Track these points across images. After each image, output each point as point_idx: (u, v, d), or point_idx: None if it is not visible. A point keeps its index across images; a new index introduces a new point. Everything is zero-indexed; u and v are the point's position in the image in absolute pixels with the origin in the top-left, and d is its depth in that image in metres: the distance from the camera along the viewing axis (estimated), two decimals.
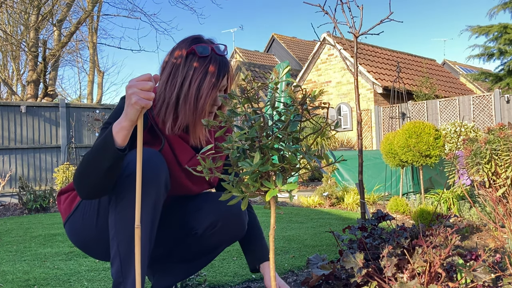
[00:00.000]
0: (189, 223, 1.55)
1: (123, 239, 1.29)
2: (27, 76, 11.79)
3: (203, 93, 1.37)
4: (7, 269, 2.37)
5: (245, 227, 1.60)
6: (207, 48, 1.41)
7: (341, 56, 3.42)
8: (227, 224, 1.54)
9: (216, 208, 1.53)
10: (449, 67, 23.21)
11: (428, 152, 4.22)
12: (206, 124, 1.07)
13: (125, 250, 1.29)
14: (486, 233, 3.06)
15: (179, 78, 1.39)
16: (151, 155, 1.33)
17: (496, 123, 3.89)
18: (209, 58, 1.40)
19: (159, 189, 1.33)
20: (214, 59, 1.41)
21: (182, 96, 1.38)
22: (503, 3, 13.07)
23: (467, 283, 1.45)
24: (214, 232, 1.54)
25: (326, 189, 5.22)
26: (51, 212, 5.46)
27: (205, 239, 1.56)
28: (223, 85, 1.44)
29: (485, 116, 9.77)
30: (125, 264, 1.29)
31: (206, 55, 1.40)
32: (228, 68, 1.44)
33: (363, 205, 2.62)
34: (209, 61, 1.39)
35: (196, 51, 1.39)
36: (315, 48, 13.58)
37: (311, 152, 1.03)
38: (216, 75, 1.39)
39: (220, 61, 1.42)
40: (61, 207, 1.54)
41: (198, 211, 1.54)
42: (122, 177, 1.29)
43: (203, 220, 1.53)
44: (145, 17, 17.92)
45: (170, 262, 1.65)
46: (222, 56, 1.43)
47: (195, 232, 1.54)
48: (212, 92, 1.39)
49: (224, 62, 1.43)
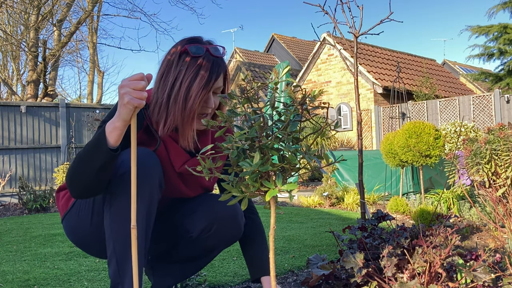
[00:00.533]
0: (185, 226, 1.53)
1: (118, 239, 1.29)
2: (27, 76, 11.79)
3: (192, 93, 1.35)
4: (7, 269, 2.37)
5: (241, 229, 1.58)
6: (202, 48, 1.39)
7: (341, 56, 3.42)
8: (223, 226, 1.53)
9: (211, 211, 1.51)
10: (449, 67, 23.21)
11: (428, 152, 4.22)
12: (206, 124, 1.07)
13: (121, 250, 1.29)
14: (486, 233, 3.06)
15: (171, 77, 1.37)
16: (144, 154, 1.32)
17: (496, 123, 3.89)
18: (201, 59, 1.37)
19: (153, 188, 1.32)
20: (207, 59, 1.38)
21: (173, 96, 1.36)
22: (503, 3, 13.07)
23: (467, 283, 1.45)
24: (209, 235, 1.53)
25: (326, 189, 5.22)
26: (51, 212, 5.45)
27: (200, 241, 1.55)
28: (216, 87, 1.41)
29: (485, 116, 9.77)
30: (122, 264, 1.29)
31: (199, 55, 1.37)
32: (222, 69, 1.41)
33: (363, 205, 2.62)
34: (202, 62, 1.37)
35: (189, 51, 1.37)
36: (315, 48, 13.58)
37: (311, 152, 1.03)
38: (208, 76, 1.36)
39: (213, 61, 1.39)
40: (59, 204, 1.54)
41: (193, 214, 1.53)
42: (116, 176, 1.28)
43: (198, 223, 1.51)
44: (145, 17, 17.91)
45: (169, 262, 1.65)
46: (216, 57, 1.41)
47: (190, 235, 1.53)
48: (202, 93, 1.36)
49: (218, 63, 1.40)
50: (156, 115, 1.39)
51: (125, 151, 1.31)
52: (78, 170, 1.26)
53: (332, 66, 13.09)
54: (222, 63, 1.43)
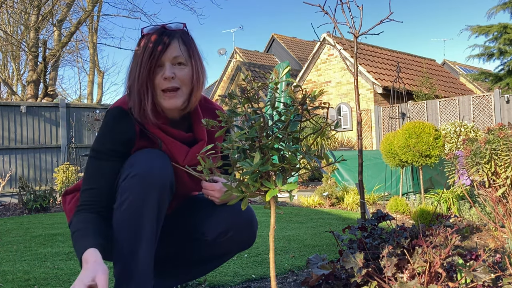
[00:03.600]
0: (201, 229, 1.53)
1: (127, 240, 1.29)
2: (27, 76, 11.78)
3: (142, 64, 1.34)
4: (7, 269, 2.37)
5: (255, 236, 1.59)
6: (156, 27, 1.39)
7: (341, 56, 3.42)
8: (239, 232, 1.53)
9: (229, 217, 1.51)
10: (449, 67, 23.20)
11: (428, 152, 4.22)
12: (206, 124, 1.07)
13: (129, 251, 1.29)
14: (486, 233, 3.06)
15: (132, 63, 1.40)
16: (156, 154, 1.34)
17: (496, 123, 3.89)
18: (152, 35, 1.37)
19: (164, 189, 1.33)
20: (158, 33, 1.37)
21: (132, 75, 1.37)
22: (503, 3, 13.06)
23: (467, 283, 1.45)
24: (225, 240, 1.53)
25: (326, 189, 5.22)
26: (51, 212, 5.45)
27: (215, 246, 1.55)
28: (170, 56, 1.36)
29: (485, 116, 9.77)
30: (129, 265, 1.29)
31: (150, 33, 1.38)
32: (172, 37, 1.37)
33: (363, 205, 2.62)
34: (151, 36, 1.36)
35: (144, 32, 1.39)
36: (315, 48, 13.58)
37: (311, 152, 1.03)
38: (153, 45, 1.34)
39: (162, 32, 1.37)
40: (66, 207, 1.52)
41: (210, 218, 1.53)
42: (127, 178, 1.30)
43: (215, 227, 1.51)
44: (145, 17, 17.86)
45: (176, 264, 1.64)
46: (168, 29, 1.39)
47: (205, 238, 1.53)
48: (148, 62, 1.33)
49: (167, 33, 1.37)
50: (133, 104, 1.37)
51: (137, 153, 1.32)
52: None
53: (332, 66, 13.08)
54: (176, 33, 1.39)
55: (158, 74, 1.36)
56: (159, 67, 1.36)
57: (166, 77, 1.35)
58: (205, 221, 1.53)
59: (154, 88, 1.37)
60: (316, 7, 2.68)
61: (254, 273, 2.17)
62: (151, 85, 1.36)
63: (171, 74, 1.35)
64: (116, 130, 1.37)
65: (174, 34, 1.38)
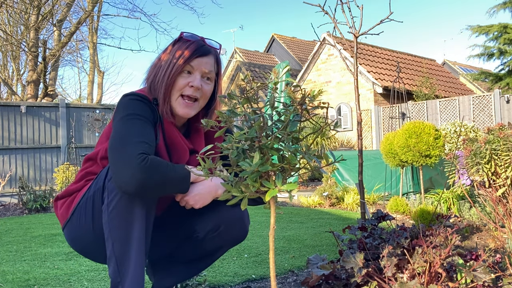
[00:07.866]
0: (191, 226, 1.55)
1: (117, 239, 1.29)
2: (27, 76, 11.78)
3: (175, 64, 1.42)
4: (7, 269, 2.37)
5: (247, 231, 1.61)
6: (196, 36, 1.48)
7: (341, 56, 3.42)
8: (229, 227, 1.54)
9: (219, 213, 1.53)
10: (449, 67, 23.20)
11: (428, 152, 4.22)
12: (205, 124, 1.07)
13: (120, 250, 1.29)
14: (486, 233, 3.06)
15: (165, 57, 1.47)
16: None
17: (496, 123, 3.89)
18: (192, 43, 1.45)
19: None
20: (197, 43, 1.46)
21: (162, 68, 1.44)
22: (503, 3, 13.05)
23: (467, 283, 1.45)
24: (215, 235, 1.54)
25: (326, 189, 5.22)
26: (51, 212, 5.45)
27: (206, 242, 1.56)
28: (203, 69, 1.44)
29: (485, 116, 9.76)
30: (121, 264, 1.29)
31: (190, 40, 1.46)
32: (210, 52, 1.47)
33: (363, 205, 2.62)
34: (190, 43, 1.45)
35: (183, 36, 1.47)
36: (315, 48, 13.57)
37: (311, 152, 1.03)
38: (191, 52, 1.42)
39: (202, 45, 1.46)
40: (58, 213, 1.52)
41: (201, 215, 1.53)
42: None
43: (206, 224, 1.53)
44: (145, 17, 17.94)
45: (171, 263, 1.65)
46: (207, 45, 1.48)
47: (196, 235, 1.54)
48: (182, 64, 1.41)
49: (207, 48, 1.47)
50: (159, 97, 1.43)
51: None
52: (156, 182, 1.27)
53: (332, 66, 13.08)
54: (213, 50, 1.49)
55: (184, 78, 1.44)
56: (187, 73, 1.44)
57: (194, 85, 1.43)
58: (196, 218, 1.54)
59: (174, 89, 1.44)
60: (316, 7, 2.68)
61: (254, 273, 2.17)
62: (173, 86, 1.44)
63: (199, 84, 1.43)
64: (147, 109, 1.41)
65: (211, 50, 1.48)
